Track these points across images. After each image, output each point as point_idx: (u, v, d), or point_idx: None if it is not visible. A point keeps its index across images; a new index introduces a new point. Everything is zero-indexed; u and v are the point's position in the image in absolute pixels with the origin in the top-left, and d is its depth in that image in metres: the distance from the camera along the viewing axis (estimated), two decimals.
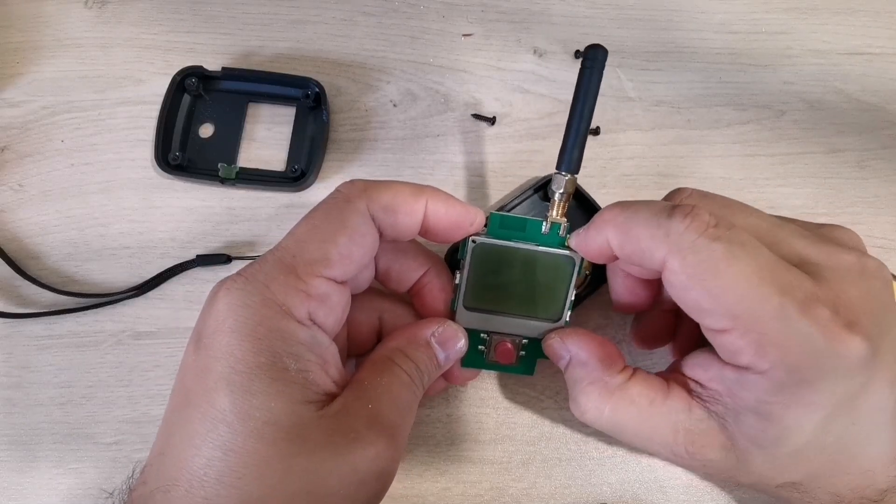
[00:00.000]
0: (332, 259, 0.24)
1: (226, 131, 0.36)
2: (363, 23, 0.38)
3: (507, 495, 0.32)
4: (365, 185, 0.25)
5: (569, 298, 0.28)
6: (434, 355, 0.27)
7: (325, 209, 0.25)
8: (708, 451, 0.25)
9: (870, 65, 0.39)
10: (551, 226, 0.28)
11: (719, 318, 0.23)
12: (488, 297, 0.28)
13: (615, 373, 0.27)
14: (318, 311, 0.24)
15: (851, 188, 0.37)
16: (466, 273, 0.28)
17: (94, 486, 0.32)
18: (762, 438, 0.24)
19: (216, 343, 0.23)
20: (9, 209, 0.35)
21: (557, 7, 0.39)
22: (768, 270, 0.22)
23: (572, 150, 0.28)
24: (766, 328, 0.22)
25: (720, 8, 0.39)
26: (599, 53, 0.27)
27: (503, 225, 0.27)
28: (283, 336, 0.23)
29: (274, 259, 0.24)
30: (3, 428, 0.32)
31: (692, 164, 0.37)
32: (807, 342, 0.22)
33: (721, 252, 0.22)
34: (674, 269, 0.23)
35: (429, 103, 0.37)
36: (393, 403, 0.25)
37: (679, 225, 0.23)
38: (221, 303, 0.23)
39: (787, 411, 0.23)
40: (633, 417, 0.26)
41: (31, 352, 0.33)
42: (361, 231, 0.25)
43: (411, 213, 0.25)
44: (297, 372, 0.23)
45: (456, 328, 0.28)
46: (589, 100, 0.27)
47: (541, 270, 0.28)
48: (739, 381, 0.24)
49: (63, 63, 0.37)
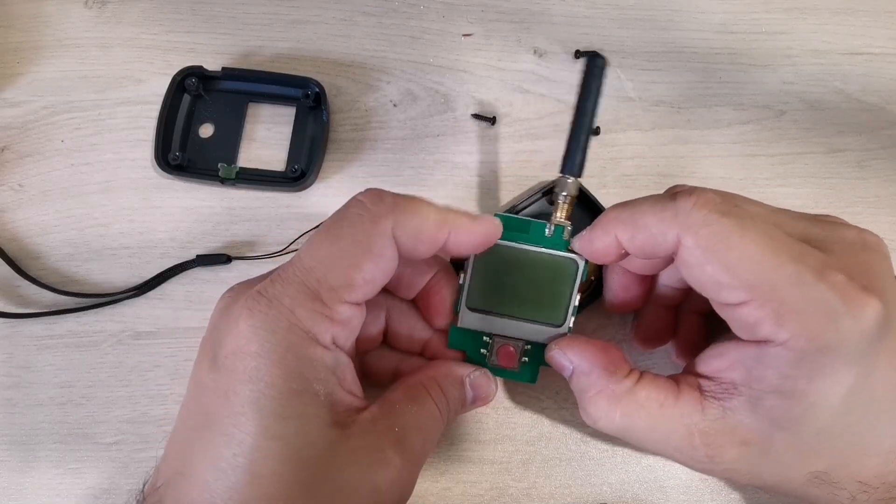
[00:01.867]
0: (357, 285, 0.24)
1: (226, 131, 0.36)
2: (363, 23, 0.38)
3: (507, 495, 0.32)
4: (392, 204, 0.24)
5: (572, 303, 0.28)
6: (464, 395, 0.28)
7: (349, 226, 0.24)
8: (727, 449, 0.24)
9: (870, 65, 0.39)
10: (555, 228, 0.28)
11: (736, 291, 0.23)
12: (492, 298, 0.28)
13: (621, 378, 0.26)
14: (340, 334, 0.24)
15: (851, 188, 0.37)
16: (470, 273, 0.28)
17: (95, 485, 0.32)
18: (786, 419, 0.23)
19: (240, 366, 0.22)
20: (9, 209, 0.35)
21: (557, 7, 0.39)
22: (779, 241, 0.23)
23: (575, 153, 0.28)
24: (783, 295, 0.22)
25: (720, 8, 0.39)
26: (598, 62, 0.28)
27: (507, 226, 0.27)
28: (311, 363, 0.23)
29: (297, 281, 0.23)
30: (3, 428, 0.32)
31: (692, 164, 0.37)
32: (825, 307, 0.22)
33: (732, 225, 0.23)
34: (688, 246, 0.23)
35: (429, 103, 0.37)
36: (418, 431, 0.25)
37: (686, 203, 0.23)
38: (244, 324, 0.23)
39: (811, 385, 0.22)
40: (645, 422, 0.25)
41: (31, 352, 0.33)
42: (386, 256, 0.24)
43: (433, 242, 0.25)
44: (325, 396, 0.23)
45: (490, 379, 0.29)
46: (590, 106, 0.28)
47: (544, 273, 0.28)
48: (759, 359, 0.23)
49: (63, 63, 0.37)
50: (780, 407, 0.23)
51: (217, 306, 0.25)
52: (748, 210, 0.24)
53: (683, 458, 0.25)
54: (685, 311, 0.31)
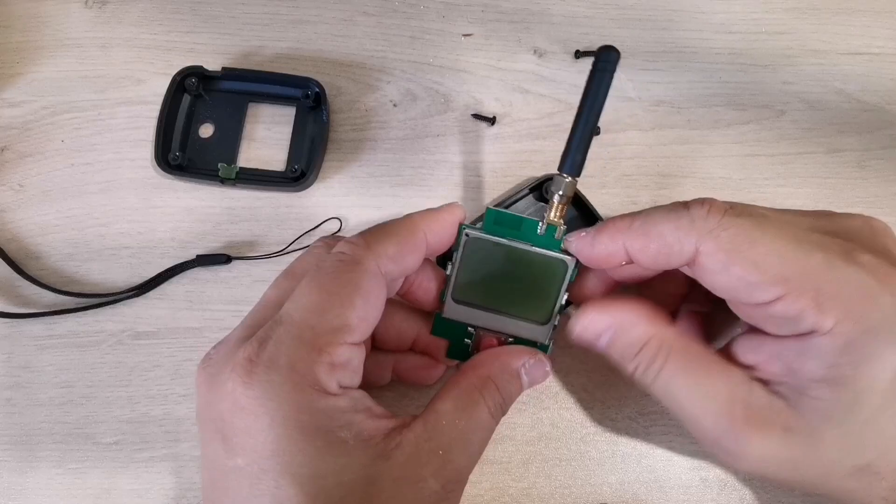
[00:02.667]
0: (352, 325, 0.23)
1: (226, 131, 0.36)
2: (363, 23, 0.38)
3: (507, 495, 0.32)
4: (367, 242, 0.24)
5: (559, 302, 0.28)
6: (521, 386, 0.27)
7: (334, 274, 0.24)
8: (768, 430, 0.23)
9: (870, 65, 0.39)
10: (547, 227, 0.27)
11: (769, 288, 0.22)
12: (478, 291, 0.28)
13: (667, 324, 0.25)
14: (345, 376, 0.23)
15: (851, 188, 0.37)
16: (458, 265, 0.28)
17: (95, 485, 0.31)
18: (835, 409, 0.22)
19: (258, 443, 0.21)
20: (9, 209, 0.35)
21: (557, 7, 0.39)
22: (800, 234, 0.23)
23: (576, 152, 0.27)
24: (820, 282, 0.22)
25: (720, 8, 0.39)
26: (612, 55, 0.26)
27: (498, 221, 0.27)
28: (327, 414, 0.22)
29: (291, 336, 0.22)
30: (3, 428, 0.32)
31: (692, 164, 0.37)
32: (862, 288, 0.22)
33: (750, 224, 0.23)
34: (709, 252, 0.23)
35: (429, 103, 0.37)
36: (465, 450, 0.24)
37: (700, 210, 0.23)
38: (244, 398, 0.22)
39: (859, 370, 0.22)
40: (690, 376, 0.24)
41: (31, 352, 0.33)
42: (375, 292, 0.24)
43: (416, 249, 0.25)
44: (354, 439, 0.22)
45: (544, 361, 0.28)
46: (598, 102, 0.27)
47: (532, 271, 0.28)
48: (802, 352, 0.22)
49: (63, 63, 0.37)
50: (829, 397, 0.22)
51: (199, 379, 0.24)
52: (758, 211, 0.24)
53: (719, 428, 0.23)
54: (684, 311, 0.31)
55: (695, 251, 0.23)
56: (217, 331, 0.33)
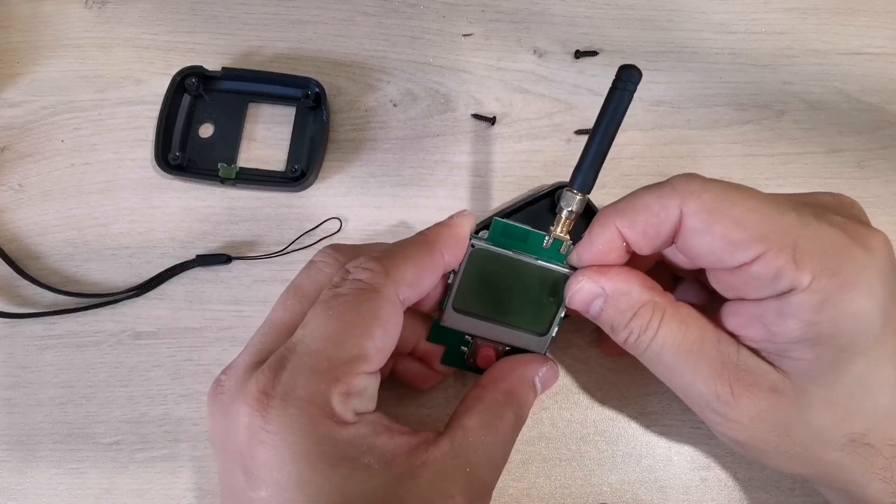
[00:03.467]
0: (370, 356, 0.23)
1: (226, 131, 0.36)
2: (363, 23, 0.38)
3: (507, 495, 0.32)
4: (385, 269, 0.24)
5: (559, 315, 0.28)
6: (537, 395, 0.27)
7: (353, 303, 0.23)
8: (756, 392, 0.23)
9: (870, 65, 0.39)
10: (553, 241, 0.27)
11: (751, 245, 0.22)
12: (479, 301, 0.28)
13: (659, 291, 0.25)
14: (361, 404, 0.23)
15: (851, 188, 0.37)
16: (461, 275, 0.28)
17: (95, 486, 0.31)
18: (818, 369, 0.22)
19: (282, 476, 0.21)
20: (9, 209, 0.35)
21: (557, 7, 0.39)
22: (775, 197, 0.23)
23: (588, 170, 0.26)
24: (797, 238, 0.22)
25: (720, 8, 0.39)
26: (634, 75, 0.26)
27: (505, 233, 0.27)
28: (349, 443, 0.22)
29: (306, 367, 0.22)
30: (3, 428, 0.32)
31: (692, 164, 0.37)
32: (835, 243, 0.22)
33: (730, 186, 0.23)
34: (692, 211, 0.23)
35: (429, 103, 0.37)
36: (491, 465, 0.24)
37: (681, 178, 0.24)
38: (264, 434, 0.21)
39: (838, 327, 0.22)
40: (681, 341, 0.24)
41: (31, 352, 0.33)
42: (394, 321, 0.24)
43: (434, 271, 0.25)
44: (377, 461, 0.22)
45: (556, 368, 0.28)
46: (615, 122, 0.26)
47: (536, 284, 0.28)
48: (781, 311, 0.22)
49: (63, 63, 0.37)
50: (810, 357, 0.22)
51: (212, 408, 0.24)
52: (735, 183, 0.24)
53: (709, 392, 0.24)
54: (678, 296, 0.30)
55: (679, 215, 0.23)
56: (217, 331, 0.33)
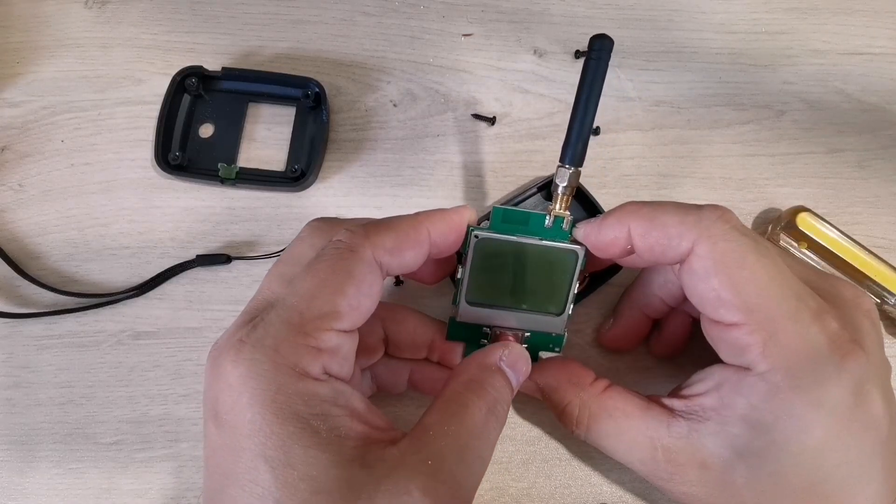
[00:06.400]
0: (342, 311, 0.23)
1: (226, 131, 0.36)
2: (363, 23, 0.38)
3: (507, 495, 0.32)
4: (366, 232, 0.24)
5: (571, 292, 0.28)
6: (508, 381, 0.25)
7: (329, 262, 0.24)
8: (687, 469, 0.24)
9: (870, 65, 0.39)
10: (554, 219, 0.27)
11: (734, 311, 0.23)
12: (491, 291, 0.28)
13: (586, 386, 0.28)
14: (332, 364, 0.23)
15: (851, 188, 0.37)
16: (469, 268, 0.28)
17: (95, 486, 0.31)
18: (747, 450, 0.23)
19: (239, 420, 0.22)
20: (9, 209, 0.35)
21: (557, 7, 0.39)
22: (787, 276, 0.23)
23: (576, 143, 0.27)
24: (777, 327, 0.22)
25: (720, 8, 0.39)
26: (606, 43, 0.27)
27: (506, 219, 0.27)
28: (304, 399, 0.22)
29: (280, 320, 0.23)
30: (3, 428, 0.32)
31: (692, 164, 0.37)
32: (813, 349, 0.22)
33: (750, 246, 0.23)
34: (701, 255, 0.23)
35: (429, 103, 0.37)
36: (458, 457, 0.22)
37: (711, 214, 0.24)
38: (232, 376, 0.22)
39: (777, 422, 0.23)
40: (612, 430, 0.26)
41: (31, 352, 0.33)
42: (368, 281, 0.24)
43: (417, 245, 0.25)
44: (328, 432, 0.22)
45: (521, 349, 0.27)
46: (594, 91, 0.27)
47: (543, 264, 0.28)
48: (735, 385, 0.24)
49: (63, 63, 0.37)
50: (743, 437, 0.23)
51: (207, 363, 0.24)
52: (766, 243, 0.24)
53: (647, 470, 0.26)
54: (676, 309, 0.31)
55: (690, 249, 0.24)
56: (217, 331, 0.33)
